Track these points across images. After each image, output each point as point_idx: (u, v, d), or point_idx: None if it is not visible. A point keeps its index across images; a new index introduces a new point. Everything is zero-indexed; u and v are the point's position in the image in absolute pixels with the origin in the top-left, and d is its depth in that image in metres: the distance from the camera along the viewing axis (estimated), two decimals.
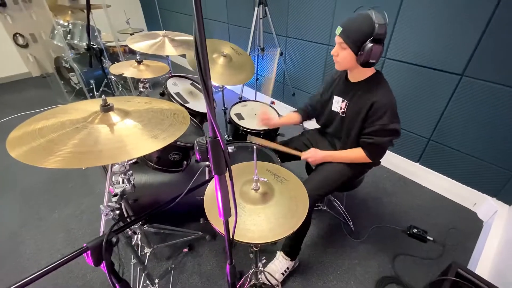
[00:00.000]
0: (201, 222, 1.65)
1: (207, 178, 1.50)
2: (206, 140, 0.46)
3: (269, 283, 1.32)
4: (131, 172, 1.12)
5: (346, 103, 1.28)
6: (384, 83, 1.19)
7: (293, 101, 2.80)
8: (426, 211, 1.92)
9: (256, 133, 1.75)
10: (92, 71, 3.23)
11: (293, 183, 0.98)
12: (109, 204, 1.04)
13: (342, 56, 1.15)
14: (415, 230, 1.72)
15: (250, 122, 1.80)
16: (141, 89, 1.58)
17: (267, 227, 0.82)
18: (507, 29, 1.40)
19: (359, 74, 1.22)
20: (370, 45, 1.05)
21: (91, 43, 1.41)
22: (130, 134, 0.71)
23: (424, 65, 1.77)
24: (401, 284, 1.46)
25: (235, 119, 1.78)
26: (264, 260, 1.50)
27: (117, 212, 0.95)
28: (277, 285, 1.37)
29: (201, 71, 0.38)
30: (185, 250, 1.62)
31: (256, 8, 2.19)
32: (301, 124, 1.66)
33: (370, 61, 1.08)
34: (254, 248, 1.13)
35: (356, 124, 1.23)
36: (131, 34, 3.25)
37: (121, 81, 3.23)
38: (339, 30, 1.12)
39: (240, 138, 1.73)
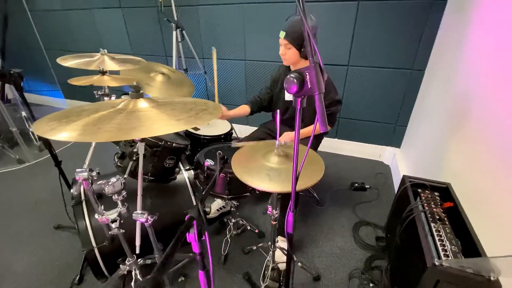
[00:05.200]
0: None
1: (190, 189, 1.43)
2: (303, 71, 0.58)
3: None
4: (125, 192, 0.99)
5: None
6: None
7: None
8: (354, 170, 2.46)
9: (217, 138, 1.82)
10: None
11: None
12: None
13: (289, 54, 1.45)
14: (356, 185, 2.19)
15: (207, 131, 1.85)
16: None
17: (301, 178, 0.94)
18: (366, 27, 2.10)
19: (301, 66, 1.54)
20: None
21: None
22: (174, 110, 0.70)
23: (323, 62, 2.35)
24: (367, 224, 1.83)
25: (191, 131, 1.79)
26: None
27: (154, 217, 0.83)
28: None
29: None
30: (181, 279, 1.44)
31: (174, 32, 2.29)
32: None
33: None
34: (273, 222, 1.21)
35: (312, 104, 1.54)
36: None
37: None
38: (282, 34, 1.41)
39: (203, 147, 1.73)
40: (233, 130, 2.06)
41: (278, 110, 1.01)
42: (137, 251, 0.94)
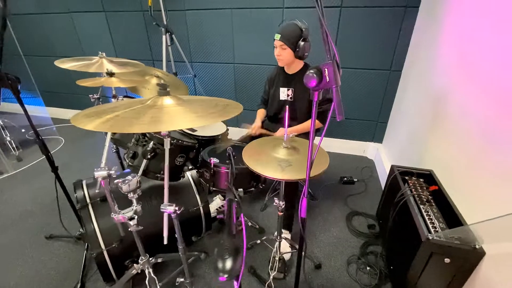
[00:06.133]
0: (193, 240, 1.53)
1: (194, 189, 1.46)
2: (322, 67, 0.66)
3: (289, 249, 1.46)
4: (140, 191, 1.01)
5: (292, 90, 1.68)
6: None
7: None
8: (341, 165, 2.60)
9: (214, 138, 1.86)
10: None
11: (300, 139, 1.25)
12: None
13: (284, 55, 1.54)
14: (345, 179, 2.33)
15: (204, 132, 1.89)
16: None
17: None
18: (348, 31, 2.26)
19: (295, 67, 1.65)
20: (302, 43, 1.49)
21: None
22: (202, 105, 0.75)
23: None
24: (359, 214, 1.96)
25: (189, 132, 1.81)
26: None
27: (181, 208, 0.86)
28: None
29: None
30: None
31: (163, 36, 2.30)
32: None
33: (305, 54, 1.53)
34: (280, 213, 1.27)
35: (305, 102, 1.65)
36: None
37: None
38: (278, 36, 1.50)
39: (202, 147, 1.76)
40: (228, 131, 2.11)
41: (287, 107, 1.10)
42: (165, 242, 0.96)
